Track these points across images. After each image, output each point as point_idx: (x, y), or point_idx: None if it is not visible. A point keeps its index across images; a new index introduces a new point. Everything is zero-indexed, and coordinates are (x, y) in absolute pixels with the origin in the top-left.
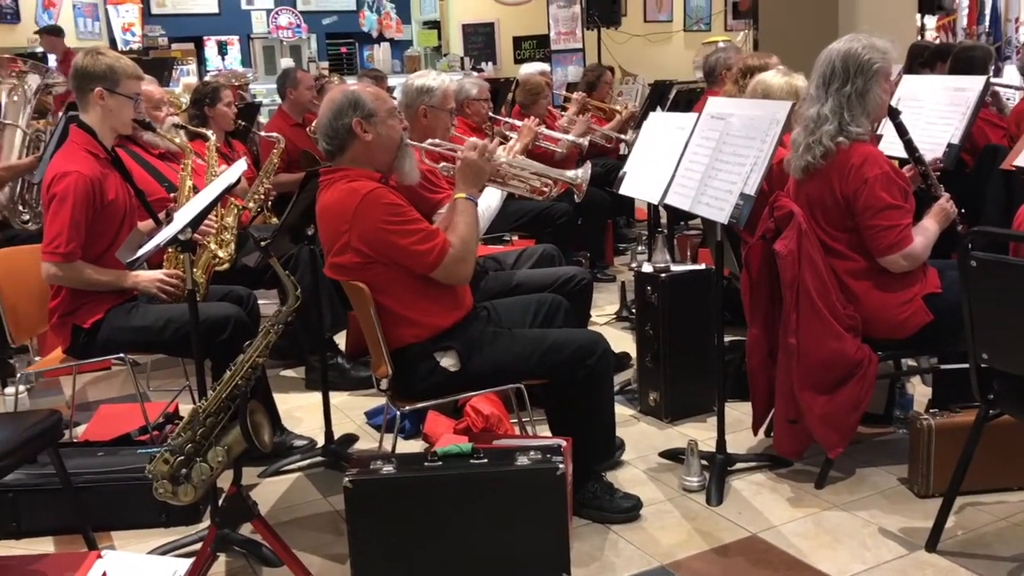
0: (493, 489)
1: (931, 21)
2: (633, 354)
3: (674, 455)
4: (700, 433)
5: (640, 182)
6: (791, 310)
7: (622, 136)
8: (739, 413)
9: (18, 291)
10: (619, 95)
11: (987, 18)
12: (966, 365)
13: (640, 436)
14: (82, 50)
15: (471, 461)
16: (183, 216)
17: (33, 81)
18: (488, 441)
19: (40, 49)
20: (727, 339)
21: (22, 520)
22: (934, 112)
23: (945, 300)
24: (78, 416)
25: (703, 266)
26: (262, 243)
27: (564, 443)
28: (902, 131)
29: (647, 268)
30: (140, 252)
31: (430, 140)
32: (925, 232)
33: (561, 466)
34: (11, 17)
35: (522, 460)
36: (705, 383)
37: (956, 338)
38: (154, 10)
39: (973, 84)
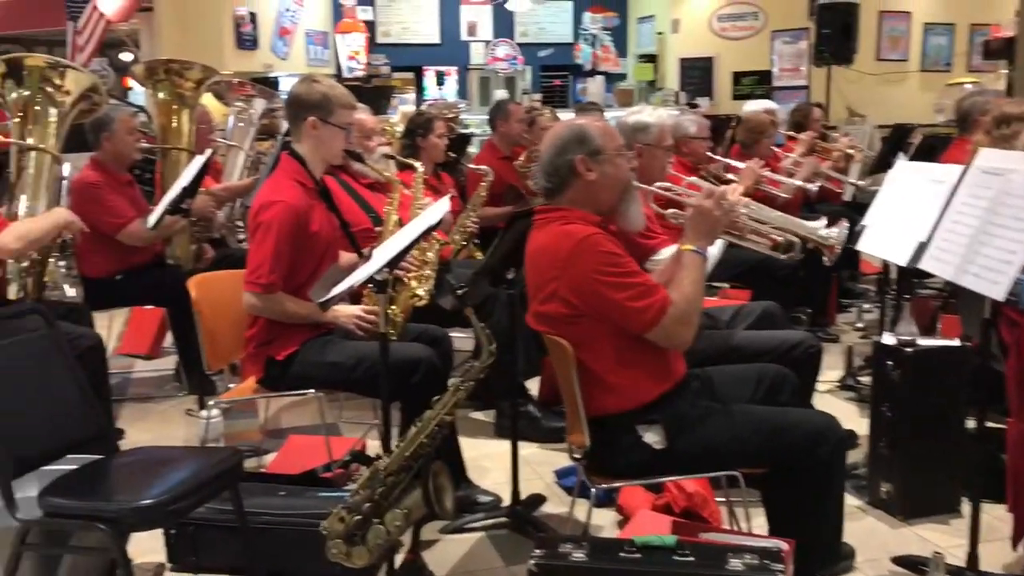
0: None
1: None
2: (860, 431)
3: (911, 563)
4: (942, 538)
5: (884, 239)
6: None
7: (852, 180)
8: (990, 517)
9: (217, 317)
10: (845, 135)
11: None
12: None
13: (868, 534)
14: (299, 78)
15: (674, 558)
16: (381, 256)
17: (259, 105)
18: (693, 532)
19: (274, 74)
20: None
21: (201, 554)
22: None
23: None
24: (270, 443)
25: (956, 342)
26: (458, 291)
27: (785, 546)
28: None
29: (889, 339)
30: (333, 292)
31: (659, 184)
32: None
33: None
34: (250, 44)
35: (735, 563)
36: (950, 478)
37: None
38: (379, 39)
39: None
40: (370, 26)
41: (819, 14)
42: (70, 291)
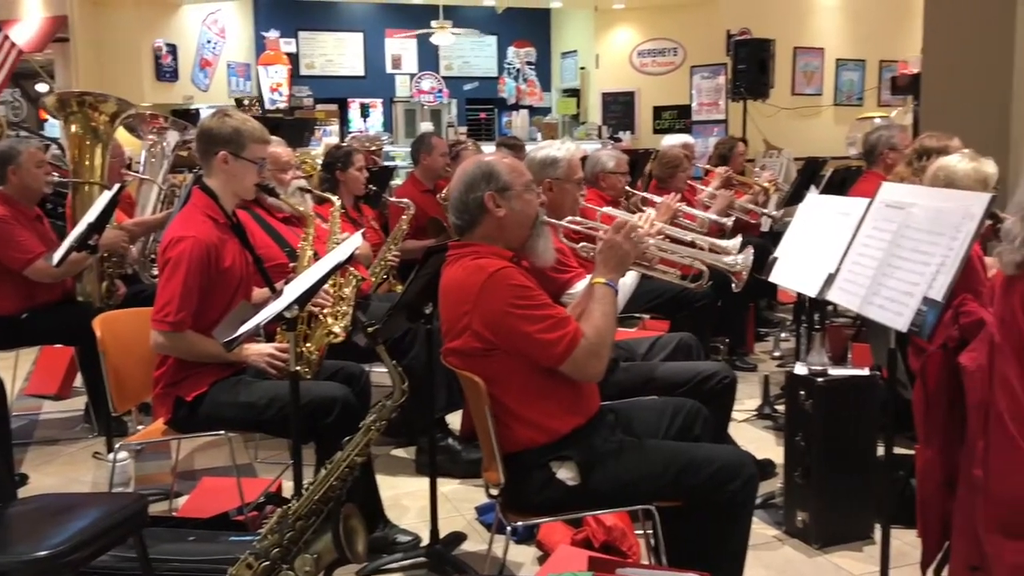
0: None
1: None
2: (777, 460)
3: None
4: (856, 565)
5: (794, 270)
6: (978, 436)
7: (767, 211)
8: (902, 543)
9: (124, 356)
10: (761, 168)
11: None
12: None
13: (785, 563)
14: (211, 112)
15: None
16: (290, 292)
17: (172, 138)
18: (610, 567)
19: (195, 106)
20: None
21: None
22: None
23: None
24: (182, 486)
25: (866, 371)
26: (369, 328)
27: None
28: None
29: (800, 369)
30: (239, 331)
31: (569, 218)
32: None
33: None
34: (170, 76)
35: None
36: (863, 505)
37: None
38: (303, 71)
39: None
40: (293, 58)
41: (735, 50)
42: None
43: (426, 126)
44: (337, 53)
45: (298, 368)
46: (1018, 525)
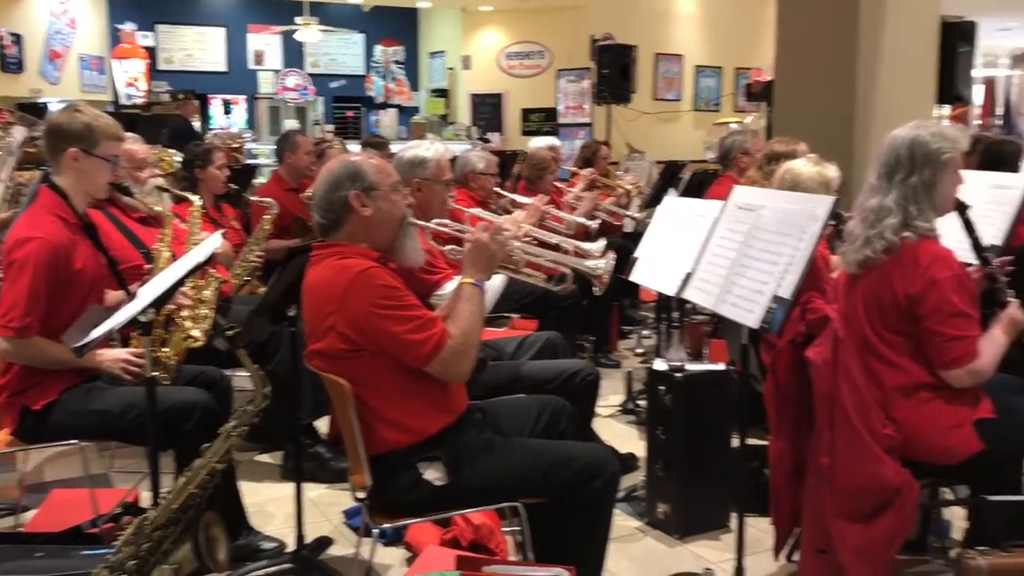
0: None
1: (946, 110)
2: (639, 454)
3: None
4: (714, 554)
5: (654, 270)
6: (824, 427)
7: (630, 213)
8: (756, 531)
9: None
10: (626, 171)
11: (1001, 109)
12: (1017, 497)
13: (647, 554)
14: (61, 107)
15: None
16: (145, 295)
17: (19, 133)
18: (477, 565)
19: (43, 99)
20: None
21: None
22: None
23: (1001, 428)
24: (31, 499)
25: (722, 366)
26: (227, 332)
27: (567, 574)
28: (970, 228)
29: (660, 365)
30: (91, 336)
31: (436, 220)
32: (993, 345)
33: None
34: (15, 67)
35: None
36: (720, 495)
37: (1012, 470)
38: (161, 66)
39: (1017, 182)
40: (151, 52)
41: (599, 55)
42: None
43: (291, 124)
44: (198, 48)
45: (155, 374)
46: (861, 510)
